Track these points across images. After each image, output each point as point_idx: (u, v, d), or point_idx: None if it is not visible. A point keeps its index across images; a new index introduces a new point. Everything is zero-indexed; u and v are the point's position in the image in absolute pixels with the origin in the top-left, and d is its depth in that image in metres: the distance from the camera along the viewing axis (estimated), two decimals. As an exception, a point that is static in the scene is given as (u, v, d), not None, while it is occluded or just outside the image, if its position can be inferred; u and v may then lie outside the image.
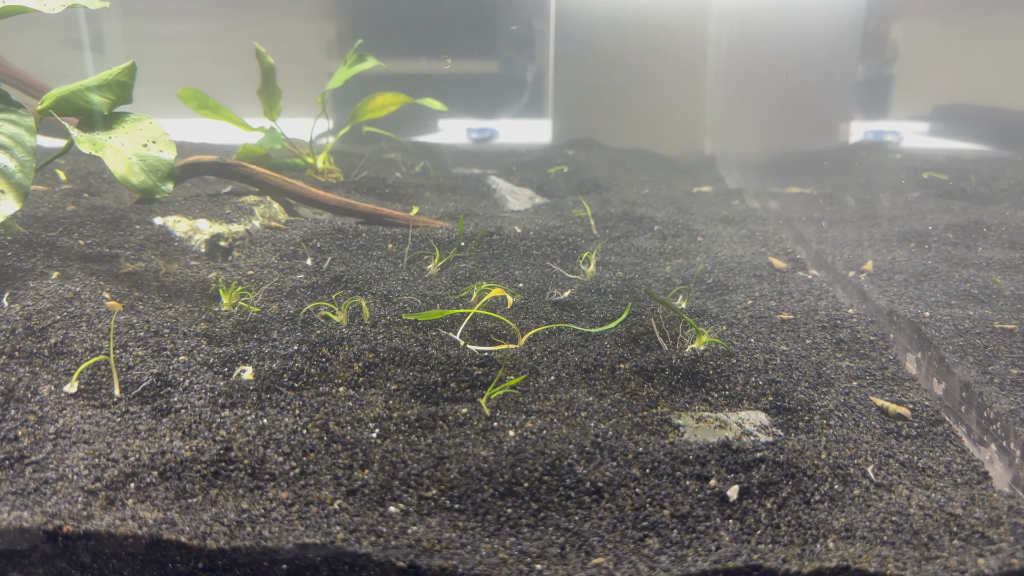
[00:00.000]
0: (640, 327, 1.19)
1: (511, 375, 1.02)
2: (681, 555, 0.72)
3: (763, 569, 0.69)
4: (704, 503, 0.79)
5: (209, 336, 1.14)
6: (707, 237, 1.81)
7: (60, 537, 0.70)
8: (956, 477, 0.85)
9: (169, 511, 0.73)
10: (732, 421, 0.94)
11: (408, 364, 1.03)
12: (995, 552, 0.70)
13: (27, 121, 1.19)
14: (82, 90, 1.28)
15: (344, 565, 0.69)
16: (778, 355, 1.12)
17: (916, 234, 1.78)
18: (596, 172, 2.56)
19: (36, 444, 0.83)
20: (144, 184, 1.22)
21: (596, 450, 0.84)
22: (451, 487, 0.79)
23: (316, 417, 0.89)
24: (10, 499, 0.75)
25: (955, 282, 1.45)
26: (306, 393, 0.98)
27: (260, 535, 0.71)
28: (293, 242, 1.55)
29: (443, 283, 1.41)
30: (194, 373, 1.01)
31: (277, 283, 1.36)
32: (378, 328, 1.15)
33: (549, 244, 1.62)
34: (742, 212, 2.10)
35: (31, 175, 1.15)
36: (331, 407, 0.93)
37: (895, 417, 0.98)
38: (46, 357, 0.99)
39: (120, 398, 0.94)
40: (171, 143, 1.28)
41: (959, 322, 1.25)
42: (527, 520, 0.76)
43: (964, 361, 1.13)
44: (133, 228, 1.56)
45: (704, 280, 1.51)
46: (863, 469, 0.84)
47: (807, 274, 1.56)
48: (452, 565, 0.68)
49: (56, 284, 1.15)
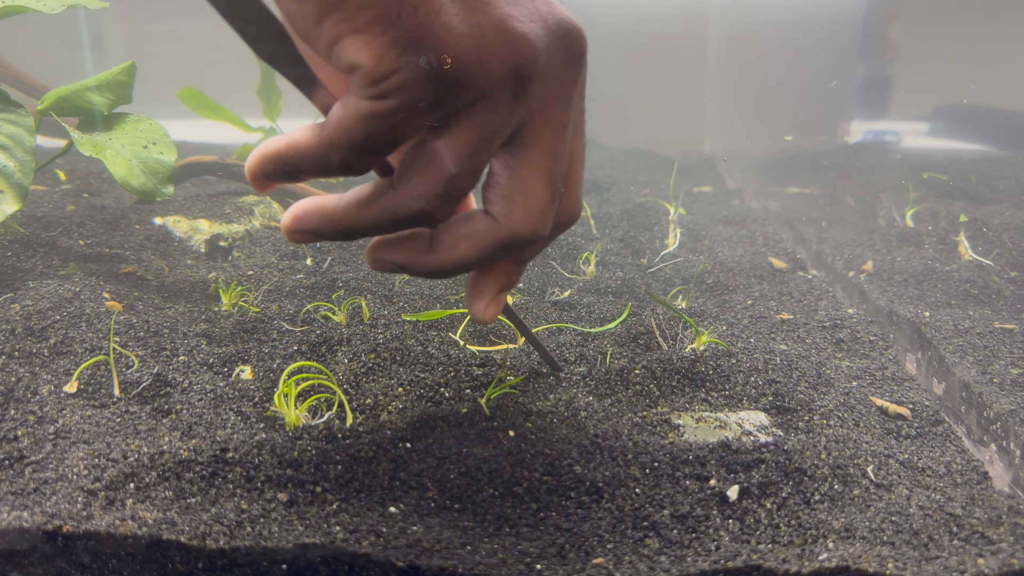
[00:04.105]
0: (640, 327, 1.19)
1: (511, 375, 1.02)
2: (681, 555, 0.72)
3: (763, 569, 0.69)
4: (704, 503, 0.79)
5: (209, 336, 1.14)
6: (707, 237, 1.81)
7: (60, 537, 0.70)
8: (956, 477, 0.85)
9: (169, 511, 0.73)
10: (732, 421, 0.94)
11: (409, 364, 1.03)
12: (995, 552, 0.70)
13: (27, 121, 1.19)
14: (82, 90, 1.28)
15: (344, 565, 0.69)
16: (778, 355, 1.12)
17: (916, 234, 1.78)
18: (596, 172, 2.56)
19: (36, 444, 0.83)
20: (145, 187, 1.22)
21: (596, 450, 0.84)
22: (451, 487, 0.79)
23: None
24: (10, 499, 0.75)
25: (955, 282, 1.45)
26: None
27: (260, 535, 0.71)
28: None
29: (443, 283, 1.41)
30: (194, 373, 1.01)
31: (277, 283, 1.36)
32: (378, 328, 1.15)
33: (549, 244, 1.62)
34: (742, 212, 2.10)
35: (30, 175, 1.15)
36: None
37: (895, 417, 0.98)
38: (46, 357, 0.99)
39: (120, 398, 0.94)
40: (171, 145, 1.28)
41: (959, 322, 1.25)
42: (527, 520, 0.76)
43: (964, 361, 1.13)
44: (133, 228, 1.56)
45: (704, 280, 1.51)
46: (863, 469, 0.84)
47: (807, 274, 1.56)
48: (452, 565, 0.68)
49: (56, 284, 1.15)
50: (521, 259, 0.77)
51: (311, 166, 0.65)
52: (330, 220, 0.68)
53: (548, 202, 0.69)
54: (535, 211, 0.68)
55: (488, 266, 0.76)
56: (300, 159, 0.64)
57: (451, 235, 0.70)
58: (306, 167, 0.65)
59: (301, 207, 0.69)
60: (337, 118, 0.62)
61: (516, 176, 0.68)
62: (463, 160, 0.63)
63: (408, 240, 0.72)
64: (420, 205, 0.65)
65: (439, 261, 0.71)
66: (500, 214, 0.68)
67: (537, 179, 0.68)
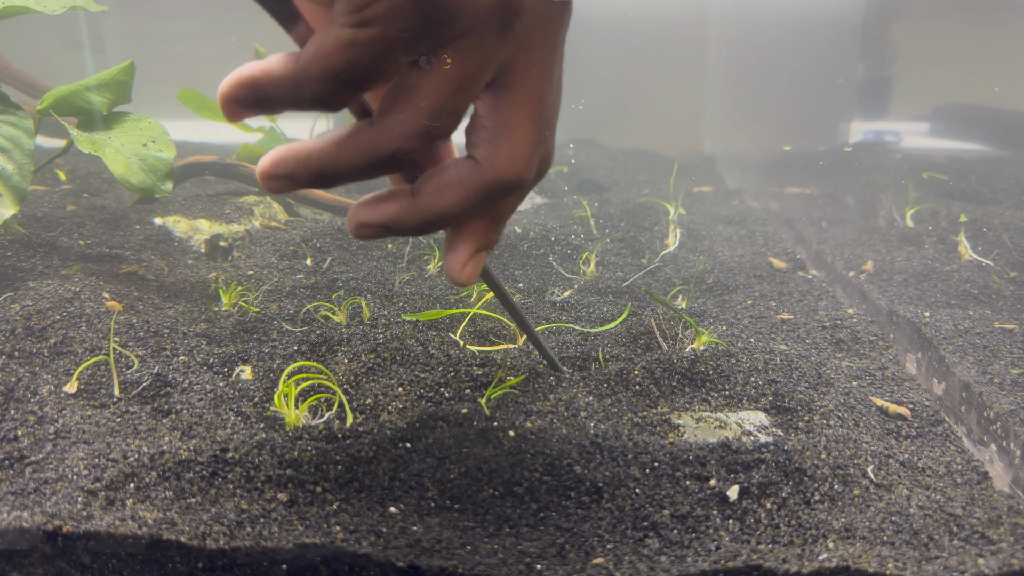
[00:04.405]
0: (640, 327, 1.19)
1: (511, 375, 1.02)
2: (681, 555, 0.72)
3: (763, 569, 0.69)
4: (704, 503, 0.79)
5: (209, 336, 1.14)
6: (707, 237, 1.81)
7: (60, 537, 0.70)
8: (956, 477, 0.85)
9: (169, 511, 0.73)
10: (732, 421, 0.94)
11: (409, 364, 1.03)
12: (995, 552, 0.70)
13: (25, 123, 1.19)
14: (81, 90, 1.28)
15: (344, 565, 0.69)
16: (778, 355, 1.12)
17: (916, 234, 1.78)
18: (596, 172, 2.56)
19: (36, 444, 0.83)
20: (143, 183, 1.22)
21: (596, 450, 0.84)
22: (451, 487, 0.79)
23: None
24: (10, 499, 0.75)
25: (955, 282, 1.45)
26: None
27: (260, 535, 0.71)
28: (293, 242, 1.55)
29: (443, 283, 1.41)
30: (194, 373, 1.01)
31: (277, 283, 1.36)
32: (378, 328, 1.15)
33: (549, 244, 1.62)
34: (742, 212, 2.10)
35: (28, 178, 1.15)
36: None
37: (895, 417, 0.98)
38: (46, 357, 0.99)
39: (120, 398, 0.94)
40: (170, 142, 1.28)
41: (959, 322, 1.25)
42: (527, 520, 0.76)
43: (964, 361, 1.13)
44: (133, 228, 1.56)
45: (704, 280, 1.51)
46: (863, 469, 0.84)
47: (807, 274, 1.56)
48: (452, 565, 0.68)
49: (56, 284, 1.15)
50: (500, 214, 0.73)
51: (283, 95, 0.61)
52: (306, 162, 0.64)
53: (534, 145, 0.67)
54: (521, 154, 0.66)
55: (471, 218, 0.72)
56: (273, 87, 0.61)
57: (433, 184, 0.67)
58: (278, 96, 0.62)
59: (278, 151, 0.66)
60: (315, 46, 0.59)
61: (501, 118, 0.66)
62: (445, 97, 0.61)
63: (388, 197, 0.69)
64: (399, 144, 0.63)
65: (422, 214, 0.67)
66: (484, 158, 0.66)
67: (523, 121, 0.66)
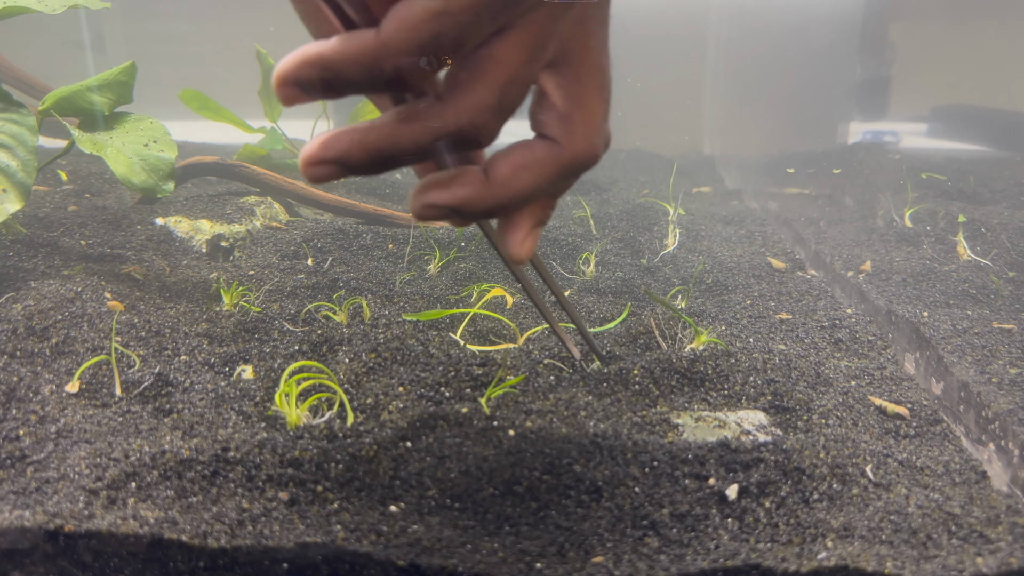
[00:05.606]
0: (640, 327, 1.19)
1: (511, 375, 1.03)
2: (680, 554, 0.73)
3: (762, 568, 0.69)
4: (703, 502, 0.79)
5: (210, 336, 1.14)
6: (706, 237, 1.82)
7: (61, 536, 0.70)
8: (954, 476, 0.85)
9: (170, 510, 0.74)
10: (731, 420, 0.95)
11: (409, 363, 1.04)
12: (993, 551, 0.71)
13: (29, 121, 1.19)
14: (83, 90, 1.29)
15: (345, 564, 0.70)
16: (777, 355, 1.12)
17: (915, 234, 1.78)
18: (596, 172, 2.56)
19: (37, 443, 0.83)
20: (145, 183, 1.22)
21: (595, 449, 0.84)
22: (451, 486, 0.79)
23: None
24: (11, 498, 0.76)
25: (953, 282, 1.45)
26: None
27: (261, 534, 0.71)
28: (294, 242, 1.56)
29: (443, 283, 1.41)
30: (195, 372, 1.01)
31: (278, 283, 1.36)
32: (378, 328, 1.16)
33: (549, 244, 1.63)
34: (741, 212, 2.10)
35: (33, 174, 1.16)
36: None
37: (893, 416, 0.99)
38: (48, 357, 1.00)
39: (121, 397, 0.95)
40: (172, 143, 1.28)
41: (957, 322, 1.25)
42: (527, 519, 0.76)
43: (962, 361, 1.13)
44: (134, 228, 1.57)
45: (703, 280, 1.51)
46: (861, 468, 0.84)
47: (806, 274, 1.57)
48: (452, 564, 0.69)
49: (58, 284, 1.15)
50: (560, 191, 0.72)
51: (358, 74, 0.57)
52: (361, 143, 0.60)
53: (605, 118, 0.66)
54: (596, 129, 0.65)
55: (539, 197, 0.70)
56: (347, 64, 0.56)
57: (508, 165, 0.64)
58: (351, 75, 0.57)
59: (326, 134, 0.61)
60: (399, 18, 0.55)
61: (571, 95, 0.65)
62: (518, 68, 0.59)
63: (460, 177, 0.64)
64: (470, 117, 0.59)
65: (497, 196, 0.64)
66: (560, 136, 0.65)
67: (593, 95, 0.65)
